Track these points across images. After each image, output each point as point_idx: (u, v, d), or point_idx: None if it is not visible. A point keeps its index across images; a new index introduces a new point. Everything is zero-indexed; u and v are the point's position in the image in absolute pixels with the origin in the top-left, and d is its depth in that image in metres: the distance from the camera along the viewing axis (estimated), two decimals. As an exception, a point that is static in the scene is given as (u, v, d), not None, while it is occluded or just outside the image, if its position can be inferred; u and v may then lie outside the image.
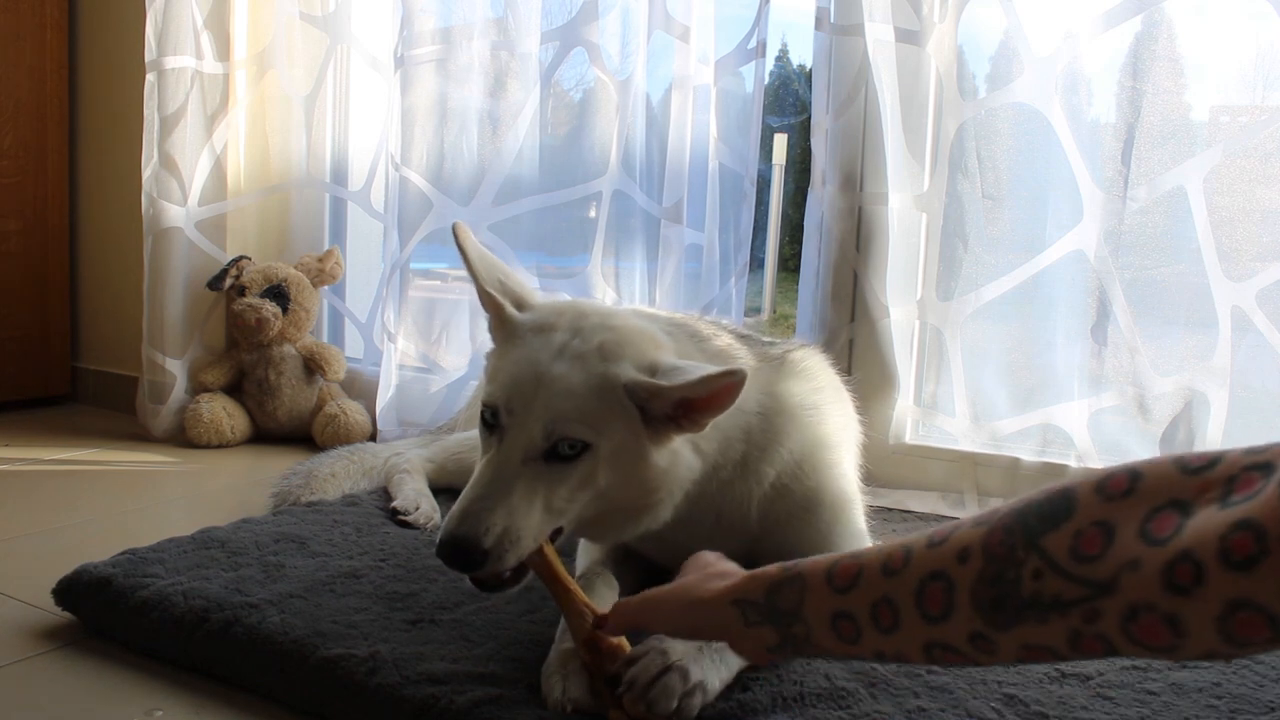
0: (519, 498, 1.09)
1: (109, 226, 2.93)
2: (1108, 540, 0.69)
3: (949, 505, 1.98)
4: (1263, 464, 0.65)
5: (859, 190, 2.02)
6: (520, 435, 1.12)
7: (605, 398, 1.13)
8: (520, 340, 1.19)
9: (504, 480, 1.10)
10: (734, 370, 1.09)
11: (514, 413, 1.13)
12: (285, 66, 2.62)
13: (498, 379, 1.17)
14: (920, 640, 0.79)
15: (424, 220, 2.43)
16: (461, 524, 1.08)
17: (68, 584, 1.42)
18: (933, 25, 1.93)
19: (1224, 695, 1.19)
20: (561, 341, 1.16)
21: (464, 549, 1.07)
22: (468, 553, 1.07)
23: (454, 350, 2.51)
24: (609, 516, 1.20)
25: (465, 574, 1.11)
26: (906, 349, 2.06)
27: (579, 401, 1.12)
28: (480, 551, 1.07)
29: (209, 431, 2.51)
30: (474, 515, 1.08)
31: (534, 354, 1.16)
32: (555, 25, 2.32)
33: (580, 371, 1.13)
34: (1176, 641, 0.66)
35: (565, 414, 1.11)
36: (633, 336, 1.19)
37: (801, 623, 0.88)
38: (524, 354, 1.16)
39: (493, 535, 1.07)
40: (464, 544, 1.07)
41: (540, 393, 1.12)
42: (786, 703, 1.13)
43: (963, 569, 0.76)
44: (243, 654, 1.25)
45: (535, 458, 1.11)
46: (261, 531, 1.62)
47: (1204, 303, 1.78)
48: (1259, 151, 1.75)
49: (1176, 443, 1.83)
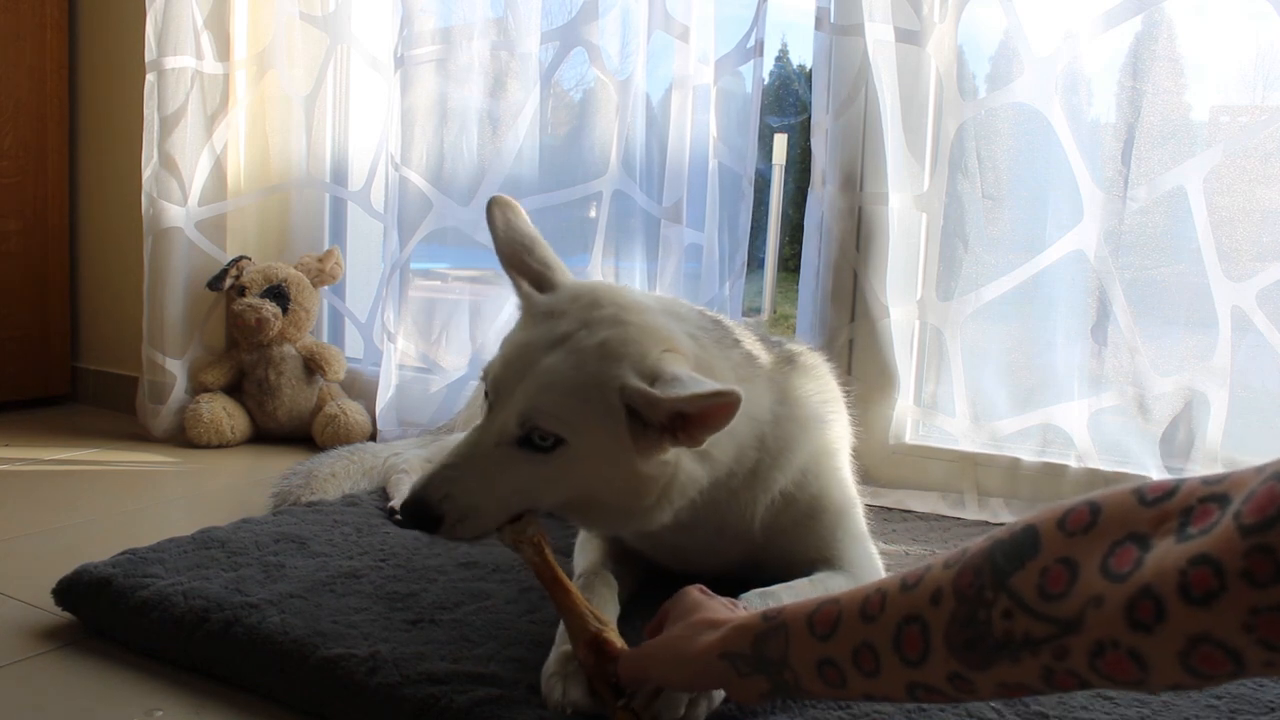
0: (484, 476, 1.12)
1: (109, 226, 2.93)
2: (1072, 577, 0.69)
3: (949, 505, 1.98)
4: (1219, 495, 0.65)
5: (859, 190, 2.02)
6: (498, 417, 1.13)
7: (590, 397, 1.10)
8: (529, 322, 1.19)
9: (475, 456, 1.12)
10: (726, 391, 1.04)
11: (499, 394, 1.14)
12: (285, 66, 2.62)
13: (499, 354, 1.18)
14: (902, 682, 0.80)
15: (424, 220, 2.43)
16: (425, 488, 1.11)
17: (68, 584, 1.42)
18: (933, 25, 1.93)
19: (1224, 695, 1.19)
20: (564, 331, 1.14)
21: (421, 511, 1.11)
22: (424, 515, 1.11)
23: (454, 350, 2.51)
24: (595, 509, 1.19)
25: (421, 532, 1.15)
26: (906, 349, 2.06)
27: (559, 396, 1.10)
28: (434, 517, 1.10)
29: (209, 431, 2.51)
30: (438, 482, 1.11)
31: (532, 339, 1.15)
32: (555, 25, 2.32)
33: (571, 366, 1.11)
34: (1142, 676, 0.66)
35: (541, 406, 1.10)
36: (641, 336, 1.14)
37: (789, 669, 0.89)
38: (524, 337, 1.17)
39: (452, 504, 1.10)
40: (422, 506, 1.11)
41: (524, 381, 1.12)
42: (786, 703, 1.12)
43: (936, 611, 0.77)
44: (243, 654, 1.25)
45: (508, 443, 1.11)
46: (261, 531, 1.62)
47: (1204, 303, 1.78)
48: (1259, 151, 1.75)
49: (1176, 443, 1.83)
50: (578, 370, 1.11)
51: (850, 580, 1.31)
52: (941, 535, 1.82)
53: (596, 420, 1.10)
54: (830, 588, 1.27)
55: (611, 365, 1.11)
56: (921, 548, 1.74)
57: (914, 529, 1.85)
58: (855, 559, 1.35)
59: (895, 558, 1.64)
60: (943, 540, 1.79)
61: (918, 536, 1.81)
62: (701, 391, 1.05)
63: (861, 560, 1.36)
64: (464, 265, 2.64)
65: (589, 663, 1.08)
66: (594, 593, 1.26)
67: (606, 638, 1.08)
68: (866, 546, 1.40)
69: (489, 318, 2.45)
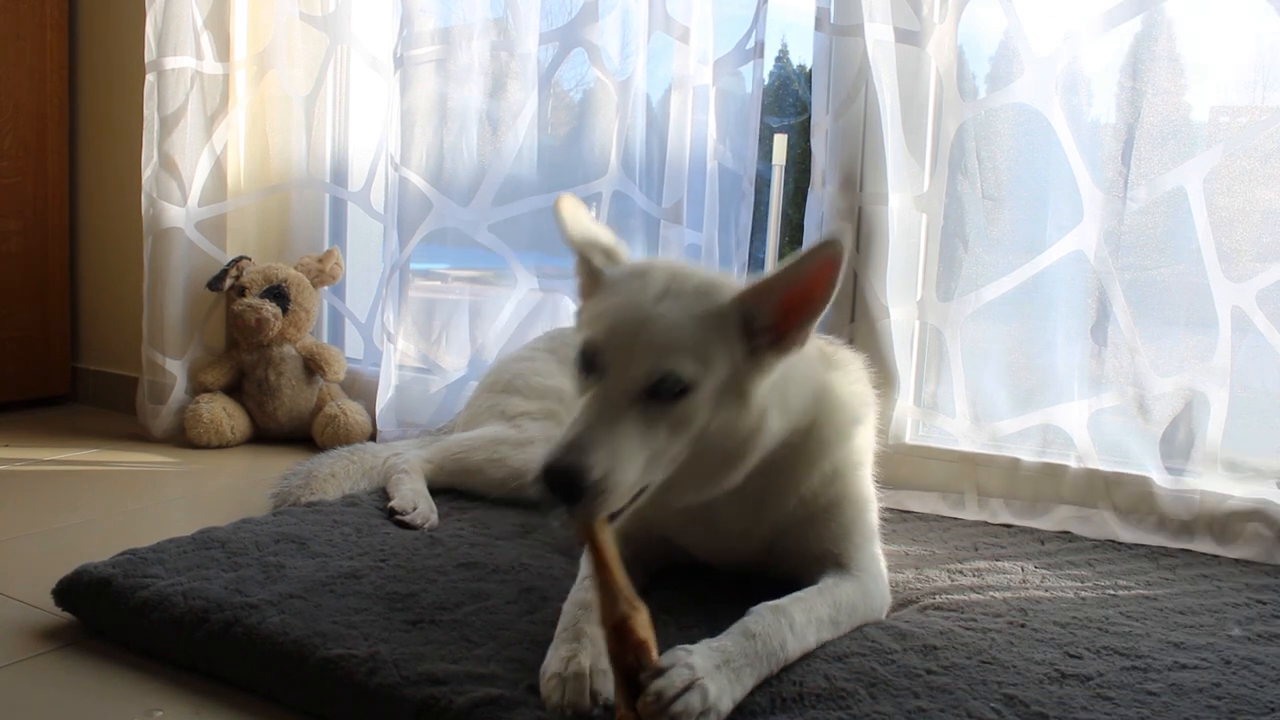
0: (623, 436, 1.10)
1: (109, 226, 2.93)
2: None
3: (949, 506, 1.98)
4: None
5: (859, 190, 2.02)
6: (624, 373, 1.13)
7: (708, 329, 1.16)
8: (616, 286, 1.22)
9: (609, 417, 1.11)
10: (828, 239, 1.12)
11: (616, 351, 1.14)
12: (285, 66, 2.62)
13: (599, 321, 1.19)
14: None
15: (424, 221, 2.43)
16: (570, 452, 1.07)
17: (68, 584, 1.42)
18: (933, 25, 1.93)
19: (1224, 696, 1.19)
20: (661, 284, 1.19)
21: (569, 479, 1.06)
22: (571, 483, 1.06)
23: (454, 351, 2.51)
24: (695, 467, 1.20)
25: (559, 506, 1.09)
26: (906, 349, 2.06)
27: (682, 335, 1.14)
28: (581, 486, 1.06)
29: (209, 432, 2.51)
30: (580, 447, 1.07)
31: (635, 296, 1.19)
32: (555, 26, 2.32)
33: (681, 308, 1.16)
34: None
35: (669, 348, 1.13)
36: (724, 278, 1.26)
37: None
38: (624, 297, 1.19)
39: (597, 471, 1.07)
40: (571, 474, 1.06)
41: (643, 331, 1.14)
42: (786, 703, 1.12)
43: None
44: (243, 654, 1.25)
45: (638, 396, 1.12)
46: (261, 532, 1.62)
47: (1204, 303, 1.78)
48: (1259, 151, 1.75)
49: (1176, 443, 1.83)
50: (691, 308, 1.17)
51: (857, 587, 1.34)
52: (941, 535, 1.82)
53: (715, 349, 1.16)
54: (838, 598, 1.29)
55: (717, 293, 1.19)
56: (921, 548, 1.74)
57: (914, 529, 1.85)
58: (863, 561, 1.39)
59: (895, 557, 1.64)
60: (943, 540, 1.79)
61: (918, 536, 1.81)
62: (812, 247, 1.13)
63: (868, 563, 1.40)
64: (464, 265, 2.64)
65: (610, 645, 1.07)
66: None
67: (630, 625, 1.07)
68: (874, 548, 1.43)
69: (489, 318, 2.45)
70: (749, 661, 1.12)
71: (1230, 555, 1.73)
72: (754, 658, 1.13)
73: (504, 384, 2.05)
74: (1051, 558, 1.71)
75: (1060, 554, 1.73)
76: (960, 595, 1.49)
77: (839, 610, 1.28)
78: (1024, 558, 1.70)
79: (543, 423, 1.94)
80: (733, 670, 1.10)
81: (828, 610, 1.26)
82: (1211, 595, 1.55)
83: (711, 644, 1.11)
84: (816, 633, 1.23)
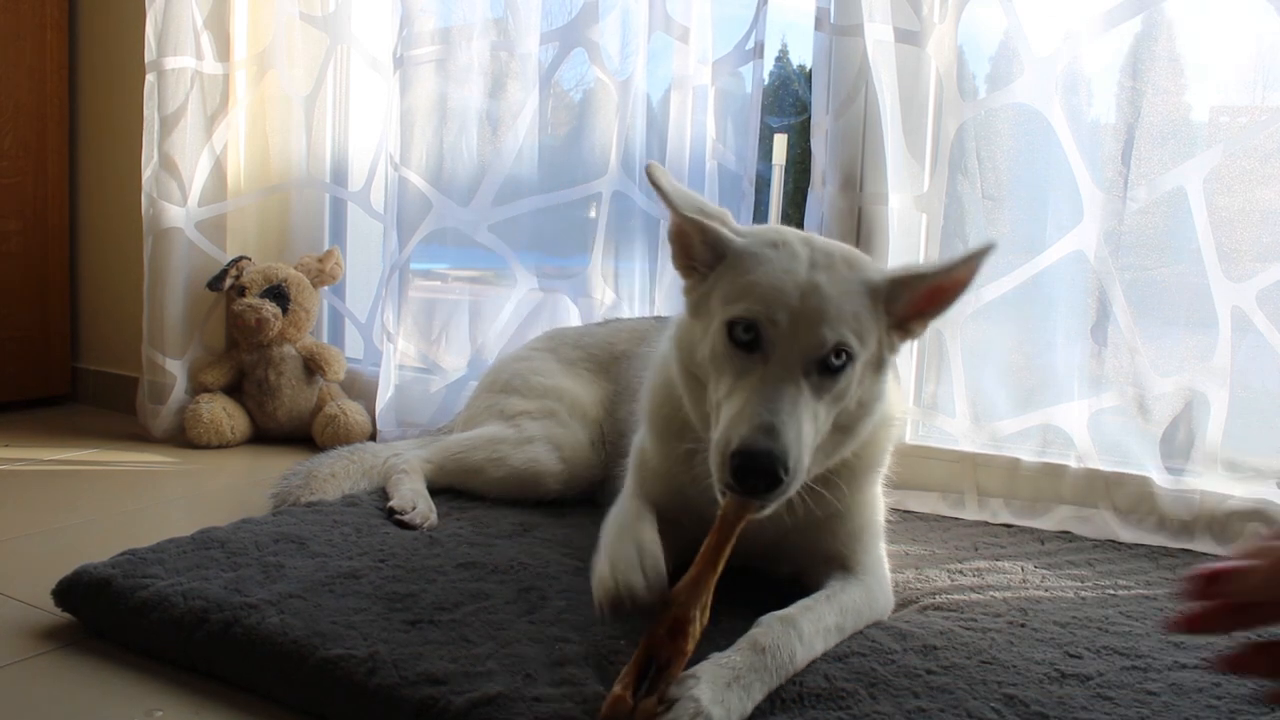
0: (805, 417, 1.09)
1: (109, 226, 2.93)
2: None
3: (949, 505, 1.98)
4: None
5: (859, 190, 2.02)
6: (794, 345, 1.12)
7: (864, 302, 1.17)
8: (755, 257, 1.20)
9: (789, 395, 1.08)
10: (981, 248, 1.18)
11: (782, 324, 1.12)
12: (285, 66, 2.62)
13: (753, 292, 1.15)
14: None
15: (424, 220, 2.43)
16: (767, 436, 1.02)
17: (68, 584, 1.42)
18: (933, 25, 1.93)
19: (1224, 696, 1.18)
20: (806, 254, 1.19)
21: (770, 466, 1.02)
22: (772, 470, 1.02)
23: (454, 350, 2.51)
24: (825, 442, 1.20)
25: (754, 497, 1.05)
26: (906, 349, 2.06)
27: (847, 305, 1.15)
28: (780, 473, 1.02)
29: (209, 432, 2.51)
30: (774, 431, 1.03)
31: (788, 265, 1.17)
32: (555, 26, 2.32)
33: (840, 280, 1.17)
34: None
35: (839, 318, 1.13)
36: (856, 252, 1.25)
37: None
38: (775, 266, 1.17)
39: (793, 456, 1.04)
40: (771, 460, 1.02)
41: (812, 300, 1.13)
42: (786, 704, 1.12)
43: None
44: (242, 654, 1.25)
45: (812, 369, 1.12)
46: (261, 532, 1.62)
47: (1204, 303, 1.78)
48: (1259, 151, 1.75)
49: (1176, 443, 1.83)
50: (848, 279, 1.17)
51: (863, 591, 1.34)
52: (941, 535, 1.82)
53: (869, 322, 1.18)
54: (845, 605, 1.29)
55: (864, 267, 1.21)
56: (921, 548, 1.74)
57: (914, 529, 1.85)
58: (869, 564, 1.39)
59: (896, 557, 1.64)
60: (943, 540, 1.79)
61: (918, 536, 1.81)
62: (970, 253, 1.19)
63: (874, 565, 1.40)
64: (464, 265, 2.64)
65: (659, 629, 1.08)
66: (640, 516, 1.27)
67: (687, 629, 1.08)
68: (880, 549, 1.44)
69: (489, 318, 2.45)
70: (758, 676, 1.12)
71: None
72: (763, 672, 1.12)
73: (503, 384, 2.05)
74: (1051, 558, 1.71)
75: (1060, 554, 1.73)
76: (960, 595, 1.49)
77: (845, 617, 1.28)
78: (1024, 558, 1.70)
79: (542, 422, 1.93)
80: (742, 687, 1.10)
81: (835, 618, 1.26)
82: (1211, 595, 1.54)
83: (720, 660, 1.11)
84: (824, 641, 1.24)
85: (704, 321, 1.23)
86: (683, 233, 1.25)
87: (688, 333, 1.27)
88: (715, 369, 1.18)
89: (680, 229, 1.25)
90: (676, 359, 1.30)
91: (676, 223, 1.25)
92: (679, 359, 1.29)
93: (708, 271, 1.24)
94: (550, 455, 1.88)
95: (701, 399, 1.24)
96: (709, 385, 1.21)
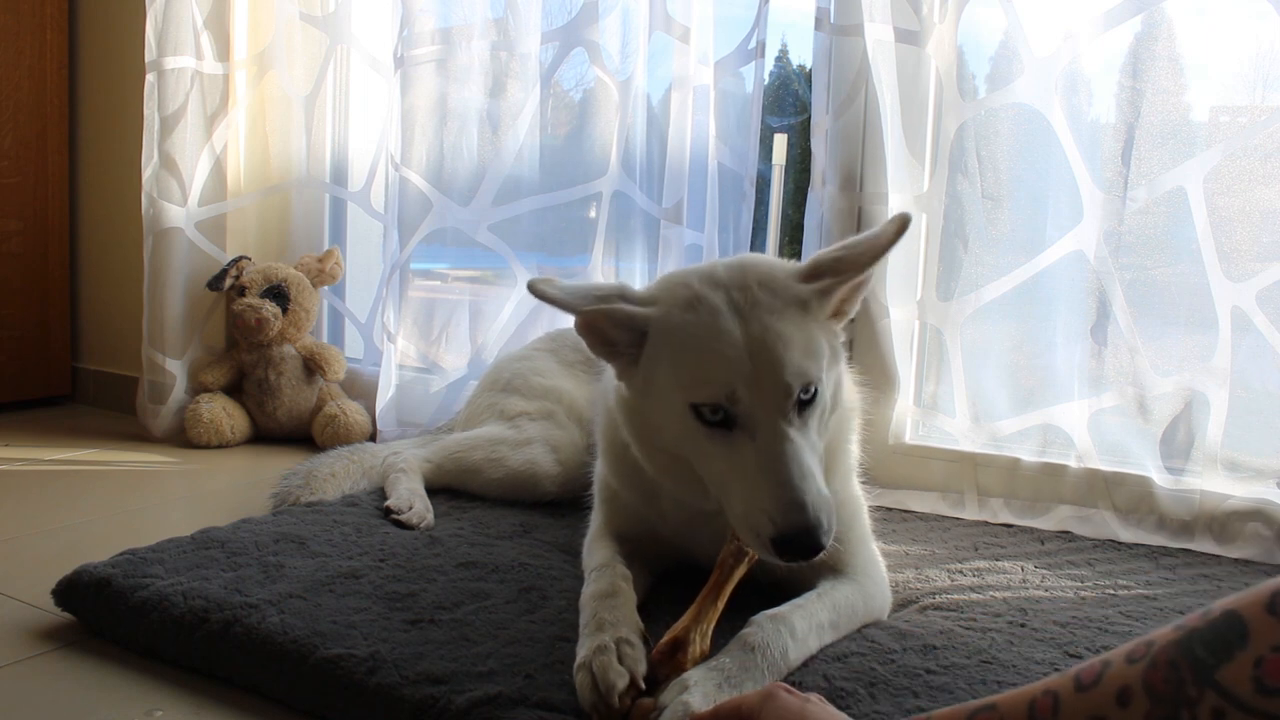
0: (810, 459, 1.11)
1: (109, 226, 2.93)
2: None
3: (949, 505, 1.98)
4: None
5: (859, 190, 2.02)
6: (768, 403, 1.11)
7: (805, 320, 1.16)
8: (680, 329, 1.17)
9: (790, 454, 1.09)
10: (900, 215, 1.19)
11: (746, 396, 1.12)
12: (285, 67, 2.62)
13: (700, 374, 1.14)
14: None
15: (424, 220, 2.43)
16: (800, 513, 1.05)
17: (68, 584, 1.42)
18: (933, 25, 1.93)
19: (1224, 695, 1.18)
20: (724, 297, 1.17)
21: (816, 543, 1.06)
22: (818, 546, 1.06)
23: (454, 350, 2.51)
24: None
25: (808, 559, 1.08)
26: (906, 349, 2.06)
27: (798, 336, 1.14)
28: (823, 540, 1.07)
29: (209, 432, 2.51)
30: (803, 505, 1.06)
31: (717, 326, 1.14)
32: (555, 26, 2.32)
33: (773, 314, 1.15)
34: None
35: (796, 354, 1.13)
36: (763, 262, 1.23)
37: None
38: (706, 336, 1.15)
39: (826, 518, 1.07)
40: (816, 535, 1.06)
41: (762, 357, 1.12)
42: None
43: (1125, 713, 0.69)
44: (243, 654, 1.25)
45: (791, 411, 1.12)
46: (261, 531, 1.62)
47: (1204, 303, 1.78)
48: (1259, 151, 1.75)
49: (1176, 443, 1.83)
50: (779, 311, 1.15)
51: (856, 589, 1.33)
52: (941, 535, 1.82)
53: (815, 332, 1.17)
54: (837, 601, 1.28)
55: (786, 287, 1.18)
56: (921, 548, 1.74)
57: (914, 529, 1.85)
58: (860, 564, 1.37)
59: (895, 557, 1.64)
60: (943, 540, 1.79)
61: (918, 536, 1.81)
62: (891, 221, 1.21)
63: (866, 564, 1.38)
64: (464, 265, 2.64)
65: (662, 648, 1.11)
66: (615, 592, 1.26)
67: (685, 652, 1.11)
68: (870, 549, 1.42)
69: (489, 318, 2.45)
70: (750, 675, 1.11)
71: (1230, 555, 1.73)
72: (755, 671, 1.12)
73: (503, 384, 2.05)
74: (1051, 558, 1.71)
75: (1060, 554, 1.73)
76: (960, 595, 1.49)
77: (838, 613, 1.28)
78: (1024, 558, 1.70)
79: (541, 423, 1.94)
80: (733, 688, 1.09)
81: (828, 614, 1.26)
82: (1211, 595, 1.54)
83: (711, 664, 1.11)
84: (818, 638, 1.23)
85: (655, 402, 1.20)
86: (592, 325, 1.22)
87: (639, 413, 1.25)
88: (695, 450, 1.18)
89: (588, 323, 1.22)
90: (632, 436, 1.29)
91: (581, 321, 1.22)
92: (635, 436, 1.28)
93: (634, 351, 1.21)
94: (548, 458, 1.88)
95: (681, 473, 1.23)
96: (692, 462, 1.20)
